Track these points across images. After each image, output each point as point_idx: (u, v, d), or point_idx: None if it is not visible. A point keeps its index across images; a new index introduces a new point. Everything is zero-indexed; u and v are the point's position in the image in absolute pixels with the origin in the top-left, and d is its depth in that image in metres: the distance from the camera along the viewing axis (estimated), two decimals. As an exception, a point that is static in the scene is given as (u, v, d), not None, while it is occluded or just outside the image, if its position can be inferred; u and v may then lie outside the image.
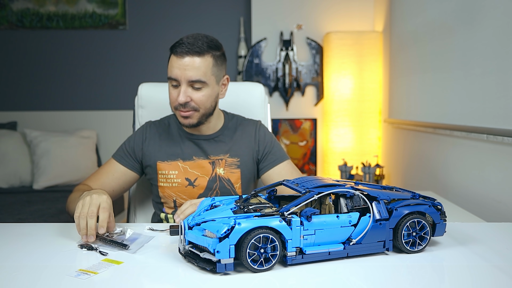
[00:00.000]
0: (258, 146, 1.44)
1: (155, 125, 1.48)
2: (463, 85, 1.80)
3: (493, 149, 1.60)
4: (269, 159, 1.43)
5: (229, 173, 1.40)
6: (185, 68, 1.27)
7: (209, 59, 1.30)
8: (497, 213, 1.57)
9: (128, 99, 2.80)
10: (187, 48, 1.27)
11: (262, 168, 1.44)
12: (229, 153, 1.41)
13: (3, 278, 0.82)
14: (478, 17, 1.67)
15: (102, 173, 1.40)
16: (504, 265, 0.87)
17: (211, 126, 1.42)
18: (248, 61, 3.27)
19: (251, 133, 1.46)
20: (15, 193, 2.89)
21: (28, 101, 3.51)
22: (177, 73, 1.28)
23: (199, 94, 1.30)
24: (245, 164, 1.42)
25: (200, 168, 1.39)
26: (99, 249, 0.95)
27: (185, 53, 1.27)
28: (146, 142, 1.43)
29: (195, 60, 1.27)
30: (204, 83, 1.29)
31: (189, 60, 1.27)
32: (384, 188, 0.98)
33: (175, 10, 3.49)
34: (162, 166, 1.40)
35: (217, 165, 1.40)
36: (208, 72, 1.29)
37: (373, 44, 3.07)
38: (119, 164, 1.41)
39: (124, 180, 1.41)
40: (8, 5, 3.45)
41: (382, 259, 0.90)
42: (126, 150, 1.43)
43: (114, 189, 1.39)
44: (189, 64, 1.27)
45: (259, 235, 0.81)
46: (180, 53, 1.27)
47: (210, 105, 1.34)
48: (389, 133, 2.96)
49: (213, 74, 1.31)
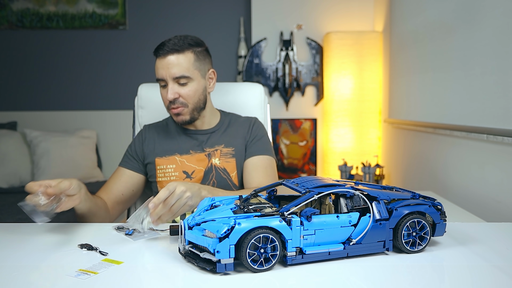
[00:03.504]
0: (250, 135, 1.49)
1: (153, 126, 1.54)
2: (463, 85, 1.80)
3: (493, 149, 1.60)
4: (251, 147, 1.47)
5: (224, 162, 1.44)
6: (168, 66, 1.35)
7: (190, 55, 1.37)
8: (497, 213, 1.57)
9: (128, 99, 2.80)
10: (168, 48, 1.35)
11: (245, 155, 1.48)
12: (224, 144, 1.46)
13: (3, 278, 0.82)
14: (478, 17, 1.67)
15: (110, 181, 1.45)
16: (504, 265, 0.87)
17: (206, 121, 1.48)
18: (248, 61, 3.27)
19: (245, 126, 1.51)
20: (15, 193, 2.89)
21: (28, 101, 3.51)
22: (162, 73, 1.36)
23: (186, 89, 1.37)
24: (239, 153, 1.46)
25: (197, 161, 1.44)
26: (99, 249, 0.95)
27: (166, 52, 1.35)
28: (146, 142, 1.49)
29: (177, 57, 1.35)
30: (189, 77, 1.36)
31: (171, 58, 1.35)
32: (384, 188, 0.98)
33: (175, 10, 3.49)
34: (160, 161, 1.44)
35: (212, 156, 1.44)
36: (190, 67, 1.36)
37: (373, 44, 3.07)
38: (124, 169, 1.47)
39: (131, 183, 1.46)
40: (8, 5, 3.45)
41: (382, 259, 0.90)
42: (129, 154, 1.49)
43: (123, 192, 1.43)
44: (171, 62, 1.34)
45: (259, 235, 0.81)
46: (162, 54, 1.35)
47: (199, 99, 1.41)
48: (389, 133, 2.96)
49: (196, 69, 1.38)
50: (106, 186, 1.44)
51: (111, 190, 1.42)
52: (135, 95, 1.68)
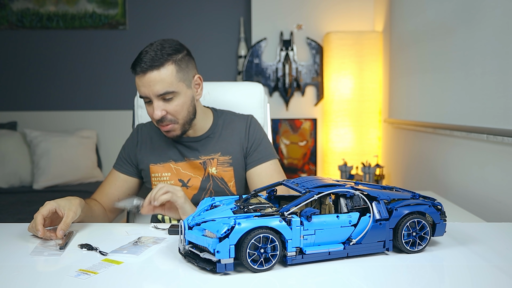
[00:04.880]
0: (248, 141, 1.42)
1: (146, 127, 1.47)
2: (463, 85, 1.80)
3: (493, 149, 1.60)
4: (254, 156, 1.41)
5: (222, 171, 1.39)
6: (149, 84, 1.24)
7: (171, 67, 1.25)
8: (497, 213, 1.57)
9: (128, 99, 2.80)
10: (145, 65, 1.23)
11: (247, 164, 1.42)
12: (221, 152, 1.40)
13: (3, 278, 0.82)
14: (478, 17, 1.67)
15: (105, 184, 1.43)
16: (504, 265, 0.87)
17: (198, 128, 1.40)
18: (248, 61, 3.27)
19: (241, 129, 1.43)
20: (15, 193, 2.89)
21: (28, 101, 3.51)
22: (144, 91, 1.25)
23: (173, 105, 1.27)
24: (237, 162, 1.40)
25: (192, 169, 1.39)
26: (99, 249, 0.95)
27: (145, 70, 1.23)
28: (138, 146, 1.44)
29: (157, 73, 1.23)
30: (174, 92, 1.26)
31: (151, 75, 1.23)
32: (384, 188, 0.98)
33: (175, 10, 3.49)
34: (154, 169, 1.40)
35: (208, 164, 1.39)
36: (174, 80, 1.25)
37: (373, 44, 3.07)
38: (119, 173, 1.43)
39: (127, 187, 1.43)
40: (8, 5, 3.45)
41: (382, 259, 0.90)
42: (123, 157, 1.45)
43: (119, 197, 1.40)
44: (152, 79, 1.23)
45: (259, 235, 0.81)
46: (140, 72, 1.24)
47: (188, 111, 1.31)
48: (389, 133, 2.96)
49: (180, 80, 1.27)
50: (102, 190, 1.41)
51: (106, 195, 1.40)
52: (135, 95, 1.68)
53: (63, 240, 1.01)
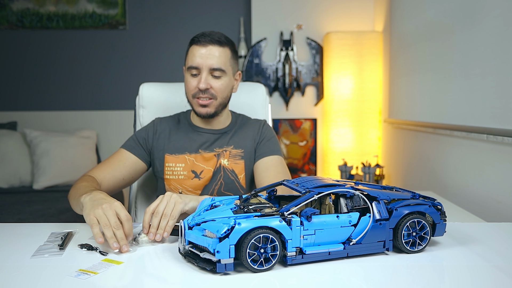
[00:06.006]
0: (259, 137, 1.49)
1: (165, 120, 1.52)
2: (462, 85, 1.80)
3: (493, 149, 1.60)
4: (261, 149, 1.47)
5: (233, 164, 1.44)
6: (207, 56, 1.34)
7: (228, 51, 1.38)
8: (497, 213, 1.57)
9: (128, 99, 2.80)
10: (209, 38, 1.34)
11: (255, 157, 1.47)
12: (233, 145, 1.46)
13: (3, 278, 0.82)
14: (478, 17, 1.67)
15: (113, 162, 1.39)
16: (504, 265, 0.87)
17: (222, 120, 1.48)
18: (248, 61, 3.27)
19: (255, 128, 1.51)
20: (15, 193, 2.89)
21: (28, 101, 3.51)
22: (199, 62, 1.34)
23: (219, 83, 1.37)
24: (248, 156, 1.46)
25: (205, 161, 1.43)
26: (99, 249, 0.95)
27: (207, 42, 1.34)
28: (157, 135, 1.47)
29: (217, 49, 1.35)
30: (224, 71, 1.36)
31: (211, 49, 1.34)
32: (384, 188, 0.98)
33: (175, 10, 3.49)
34: (169, 159, 1.43)
35: (221, 156, 1.43)
36: (227, 62, 1.37)
37: (373, 44, 3.07)
38: (130, 154, 1.43)
39: (134, 170, 1.43)
40: (8, 5, 3.45)
41: (382, 259, 0.90)
42: (137, 140, 1.46)
43: (124, 177, 1.39)
44: (211, 52, 1.34)
45: (259, 235, 0.81)
46: (202, 42, 1.34)
47: (227, 95, 1.41)
48: (389, 133, 2.96)
49: (231, 65, 1.39)
50: (108, 167, 1.37)
51: (113, 173, 1.36)
52: (136, 95, 1.68)
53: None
